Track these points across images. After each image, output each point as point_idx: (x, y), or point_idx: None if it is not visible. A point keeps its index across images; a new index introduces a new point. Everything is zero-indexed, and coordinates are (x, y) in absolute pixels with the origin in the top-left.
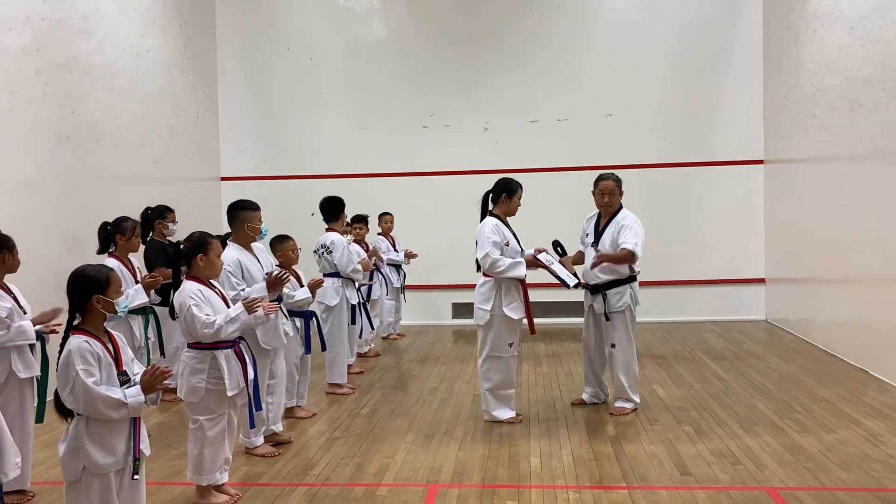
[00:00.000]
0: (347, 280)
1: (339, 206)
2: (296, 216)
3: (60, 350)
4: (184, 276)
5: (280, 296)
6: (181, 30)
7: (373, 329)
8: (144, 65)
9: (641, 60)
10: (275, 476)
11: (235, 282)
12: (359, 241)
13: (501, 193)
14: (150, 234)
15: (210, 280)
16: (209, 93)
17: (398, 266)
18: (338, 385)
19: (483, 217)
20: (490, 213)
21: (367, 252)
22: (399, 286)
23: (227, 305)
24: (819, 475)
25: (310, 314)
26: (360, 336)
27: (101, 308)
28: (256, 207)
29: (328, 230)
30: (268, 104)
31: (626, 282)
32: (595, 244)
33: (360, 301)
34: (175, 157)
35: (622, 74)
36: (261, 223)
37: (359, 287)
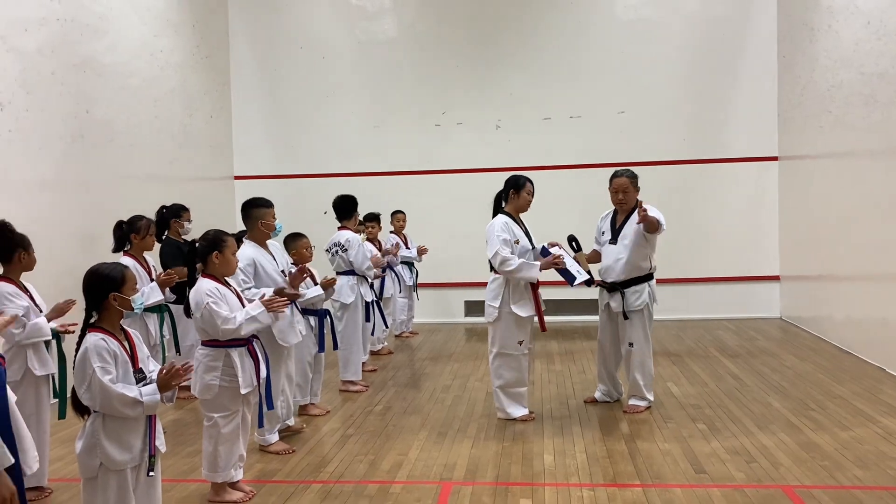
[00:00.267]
0: (362, 278)
1: (353, 205)
2: (308, 214)
3: (77, 348)
4: (199, 274)
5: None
6: (194, 29)
7: (386, 327)
8: (158, 64)
9: (654, 57)
10: (289, 473)
11: (242, 278)
12: (371, 240)
13: (510, 190)
14: (166, 233)
15: (225, 278)
16: (222, 92)
17: (411, 264)
18: (351, 382)
19: (495, 216)
20: (502, 211)
21: (381, 251)
22: (412, 284)
23: (242, 303)
24: (835, 473)
25: (323, 312)
26: (373, 334)
27: (118, 305)
28: (270, 205)
29: (341, 228)
30: (280, 103)
31: (645, 280)
32: (613, 241)
33: (374, 299)
34: (189, 157)
35: (635, 71)
36: (274, 220)
37: (371, 284)
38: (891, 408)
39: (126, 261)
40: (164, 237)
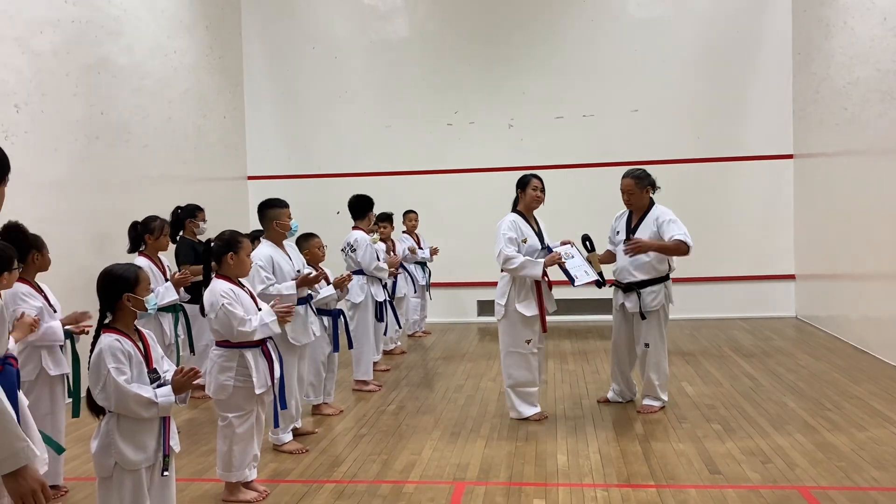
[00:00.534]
0: (373, 277)
1: (367, 205)
2: (321, 214)
3: (92, 348)
4: (214, 275)
5: (309, 294)
6: (207, 30)
7: (399, 327)
8: (172, 65)
9: (668, 55)
10: (302, 473)
11: (265, 275)
12: (384, 240)
13: (517, 189)
14: (181, 233)
15: (239, 279)
16: (235, 92)
17: (423, 263)
18: (364, 382)
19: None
20: (513, 210)
21: (393, 251)
22: (424, 283)
23: (256, 304)
24: (852, 474)
25: (337, 312)
26: (386, 334)
27: (132, 306)
28: (284, 205)
29: (354, 228)
30: (293, 103)
31: (661, 280)
32: (627, 242)
33: (387, 298)
34: (202, 157)
35: (648, 69)
36: (290, 220)
37: (385, 284)
38: None
39: (141, 261)
40: (180, 237)
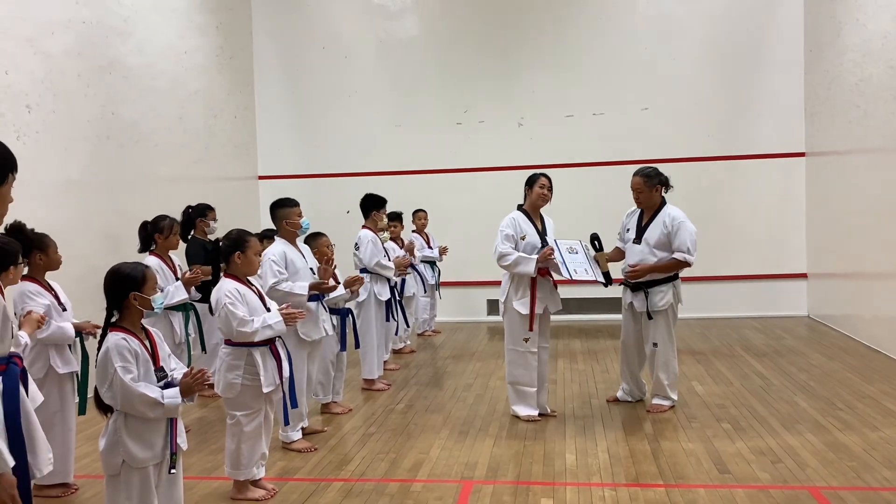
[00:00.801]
0: (376, 276)
1: (372, 203)
2: (332, 214)
3: (99, 347)
4: (222, 274)
5: (321, 293)
6: (218, 31)
7: (408, 326)
8: (182, 66)
9: (678, 52)
10: (311, 471)
11: (278, 269)
12: (394, 239)
13: (525, 186)
14: (192, 232)
15: (248, 277)
16: (246, 92)
17: (433, 263)
18: (371, 381)
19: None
20: (518, 208)
21: (404, 247)
22: (434, 283)
23: (264, 302)
24: (863, 474)
25: (346, 311)
26: (397, 333)
27: (138, 305)
28: (294, 204)
29: (363, 227)
30: (304, 103)
31: (670, 280)
32: (637, 241)
33: (396, 298)
34: (213, 157)
35: (659, 67)
36: (300, 218)
37: (394, 283)
38: None
39: (151, 260)
40: (191, 237)
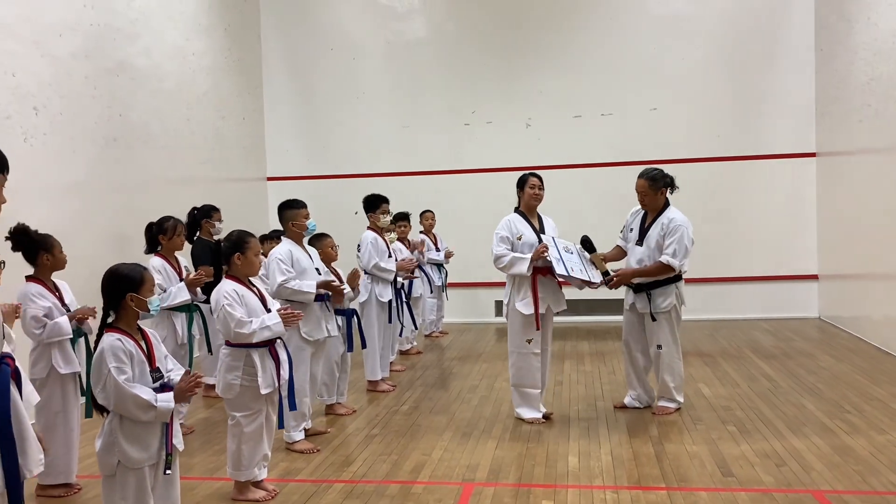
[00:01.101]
0: (378, 277)
1: (368, 205)
2: (340, 215)
3: (95, 347)
4: (224, 275)
5: (326, 294)
6: (226, 33)
7: (415, 327)
8: (190, 68)
9: (687, 52)
10: (312, 472)
11: (285, 268)
12: (401, 239)
13: (517, 189)
14: (197, 233)
15: (249, 278)
16: (255, 94)
17: (440, 264)
18: (374, 382)
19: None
20: (515, 210)
21: (409, 247)
22: (441, 284)
23: (264, 303)
24: (869, 478)
25: (351, 312)
26: (401, 334)
27: (135, 306)
28: (300, 206)
29: (367, 228)
30: (312, 104)
31: (672, 281)
32: (640, 242)
33: (403, 299)
34: (221, 158)
35: (668, 67)
36: (306, 220)
37: (401, 285)
38: None
39: (156, 261)
40: (196, 238)
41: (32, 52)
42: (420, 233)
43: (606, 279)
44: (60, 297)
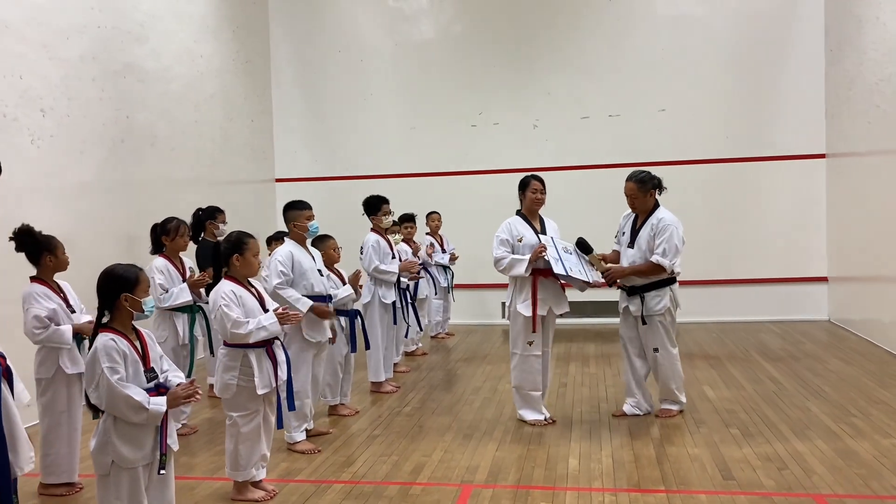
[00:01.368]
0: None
1: (368, 208)
2: (348, 216)
3: (89, 347)
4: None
5: (328, 296)
6: (234, 35)
7: (421, 329)
8: (198, 70)
9: (696, 53)
10: (312, 473)
11: (281, 270)
12: (407, 240)
13: (518, 191)
14: (202, 234)
15: (248, 279)
16: (263, 96)
17: (446, 266)
18: (378, 383)
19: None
20: (517, 213)
21: (413, 249)
22: (447, 285)
23: (262, 304)
24: (871, 482)
25: (354, 313)
26: (406, 335)
27: (129, 307)
28: (303, 207)
29: (371, 230)
30: (320, 106)
31: (666, 283)
32: (631, 245)
33: (409, 300)
34: (229, 160)
35: (676, 68)
36: (308, 221)
37: (406, 286)
38: None
39: (159, 262)
40: (201, 239)
41: (40, 55)
42: (426, 234)
43: (605, 276)
44: (65, 298)
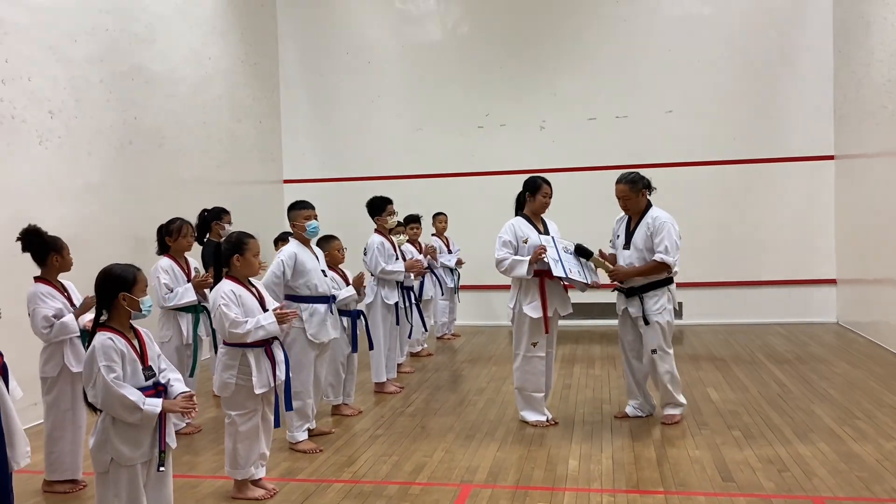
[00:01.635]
0: (385, 280)
1: (374, 208)
2: (355, 217)
3: (87, 346)
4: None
5: (332, 296)
6: (242, 37)
7: (425, 330)
8: (206, 72)
9: (703, 54)
10: (313, 472)
11: (273, 272)
12: (413, 242)
13: (526, 192)
14: (208, 235)
15: (249, 279)
16: (271, 98)
17: (452, 268)
18: (381, 384)
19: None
20: (519, 213)
21: (423, 251)
22: (453, 286)
23: (262, 304)
24: (872, 485)
25: (357, 313)
26: (411, 336)
27: (127, 306)
28: (302, 207)
29: (375, 231)
30: (328, 107)
31: (664, 284)
32: (626, 246)
33: (413, 301)
34: (237, 161)
35: (683, 69)
36: (307, 221)
37: (411, 286)
38: None
39: (164, 262)
40: (206, 239)
41: (48, 57)
42: (432, 235)
43: (611, 275)
44: (69, 298)
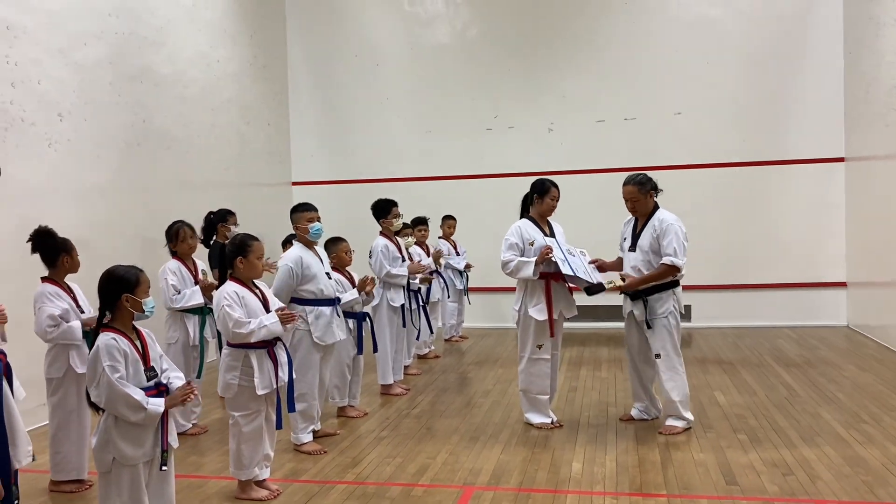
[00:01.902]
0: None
1: (379, 210)
2: (363, 219)
3: (90, 347)
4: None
5: (337, 297)
6: (251, 40)
7: (432, 332)
8: (214, 74)
9: (713, 56)
10: (317, 473)
11: (292, 277)
12: (420, 244)
13: (534, 194)
14: (214, 237)
15: (253, 280)
16: (280, 100)
17: (461, 270)
18: (387, 386)
19: (522, 218)
20: (525, 215)
21: (431, 254)
22: (462, 288)
23: (266, 305)
24: (877, 489)
25: (362, 315)
26: (418, 338)
27: (130, 307)
28: (304, 209)
29: (380, 234)
30: (336, 110)
31: (669, 287)
32: (633, 249)
33: (420, 303)
34: (246, 163)
35: (692, 71)
36: (309, 223)
37: (417, 289)
38: None
39: (171, 264)
40: (213, 241)
41: (57, 61)
42: (439, 238)
43: (622, 276)
44: (74, 298)
